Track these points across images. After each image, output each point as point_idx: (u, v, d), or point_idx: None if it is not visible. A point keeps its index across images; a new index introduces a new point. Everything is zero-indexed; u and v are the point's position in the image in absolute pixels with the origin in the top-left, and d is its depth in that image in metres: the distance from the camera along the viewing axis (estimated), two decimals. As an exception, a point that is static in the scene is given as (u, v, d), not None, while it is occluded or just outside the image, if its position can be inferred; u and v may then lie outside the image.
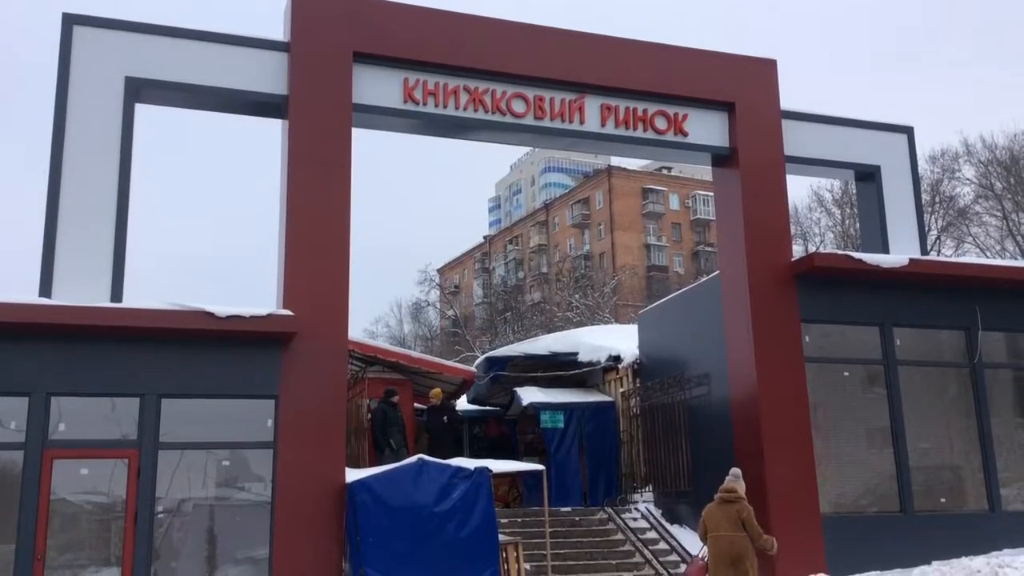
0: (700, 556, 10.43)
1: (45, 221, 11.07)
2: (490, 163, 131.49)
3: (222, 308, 10.99)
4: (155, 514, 10.81)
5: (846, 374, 14.38)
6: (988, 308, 14.87)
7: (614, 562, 14.27)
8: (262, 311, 11.20)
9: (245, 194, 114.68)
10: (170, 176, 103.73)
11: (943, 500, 14.31)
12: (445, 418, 17.66)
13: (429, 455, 12.03)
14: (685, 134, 14.29)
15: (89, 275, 11.00)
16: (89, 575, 10.55)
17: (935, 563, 10.77)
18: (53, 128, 11.30)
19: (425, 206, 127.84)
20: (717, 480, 11.16)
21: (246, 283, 78.11)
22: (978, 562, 9.46)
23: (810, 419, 13.58)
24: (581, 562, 14.13)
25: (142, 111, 11.93)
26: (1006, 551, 12.43)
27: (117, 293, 11.17)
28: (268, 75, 12.26)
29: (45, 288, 10.88)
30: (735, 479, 10.43)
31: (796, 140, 14.80)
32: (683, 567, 14.00)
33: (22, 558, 10.14)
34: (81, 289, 10.89)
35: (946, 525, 13.73)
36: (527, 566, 12.11)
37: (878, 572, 12.45)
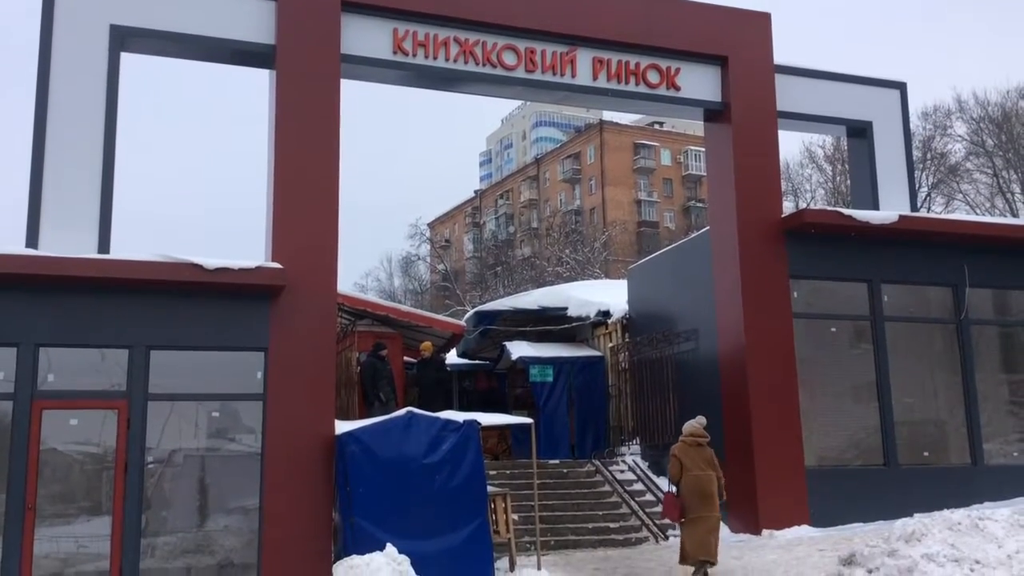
0: (673, 491, 10.72)
1: (31, 172, 10.98)
2: (481, 117, 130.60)
3: (210, 260, 10.94)
4: (145, 464, 10.86)
5: (833, 330, 14.48)
6: (976, 265, 14.95)
7: (601, 513, 14.45)
8: (250, 263, 11.15)
9: (234, 147, 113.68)
10: (156, 130, 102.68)
11: (926, 454, 14.51)
12: (435, 371, 17.72)
13: (419, 408, 12.09)
14: (677, 88, 14.21)
15: (76, 226, 10.95)
16: (80, 524, 10.62)
17: (917, 515, 10.88)
18: (37, 78, 11.15)
19: (416, 160, 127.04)
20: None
21: (235, 238, 77.72)
22: (959, 514, 9.54)
23: (797, 374, 13.70)
24: (568, 513, 14.29)
25: (127, 60, 11.77)
26: (987, 504, 12.59)
27: (104, 244, 11.11)
28: (256, 24, 12.10)
29: (31, 239, 10.82)
30: (702, 424, 10.78)
31: (789, 95, 14.73)
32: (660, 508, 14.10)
33: (13, 508, 10.19)
34: (68, 240, 10.82)
35: (929, 478, 13.94)
36: (515, 516, 12.23)
37: (861, 524, 12.65)
